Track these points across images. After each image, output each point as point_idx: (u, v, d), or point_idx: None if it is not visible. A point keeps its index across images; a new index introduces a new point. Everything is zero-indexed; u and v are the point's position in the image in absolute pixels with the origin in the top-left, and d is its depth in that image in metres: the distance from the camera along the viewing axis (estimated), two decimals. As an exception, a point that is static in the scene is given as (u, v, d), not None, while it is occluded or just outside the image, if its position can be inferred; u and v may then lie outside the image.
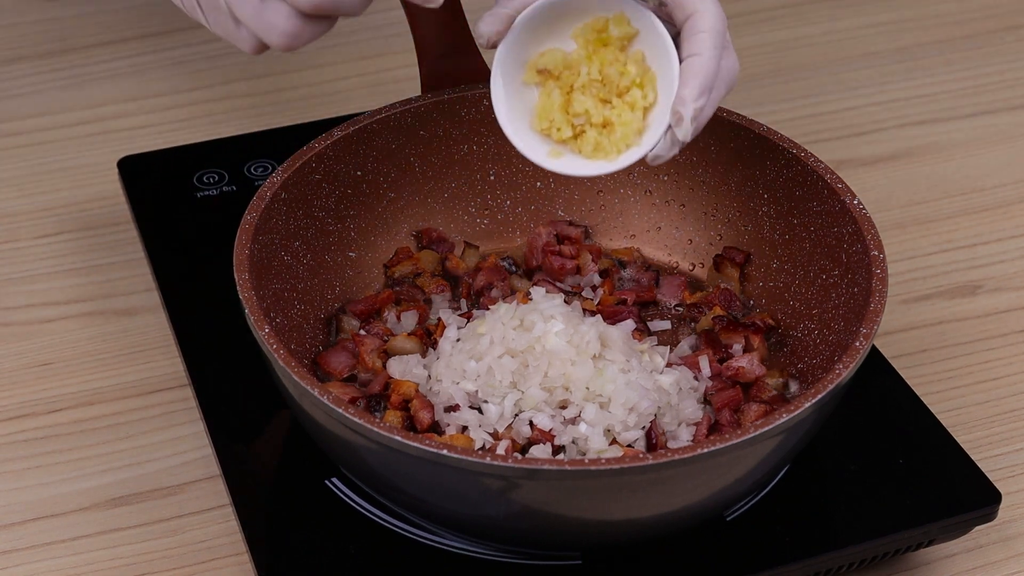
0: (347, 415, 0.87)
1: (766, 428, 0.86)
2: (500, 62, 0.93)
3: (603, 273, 1.10)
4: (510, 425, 0.96)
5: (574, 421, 0.96)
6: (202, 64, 1.42)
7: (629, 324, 1.02)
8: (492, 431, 0.96)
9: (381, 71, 1.41)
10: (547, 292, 1.02)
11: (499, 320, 0.98)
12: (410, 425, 0.97)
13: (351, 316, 1.05)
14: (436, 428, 0.97)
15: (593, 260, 1.10)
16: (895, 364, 1.07)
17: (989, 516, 0.96)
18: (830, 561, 0.94)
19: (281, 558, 0.93)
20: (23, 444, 1.06)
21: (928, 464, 0.98)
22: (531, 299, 1.01)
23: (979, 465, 0.99)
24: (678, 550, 0.93)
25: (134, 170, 1.21)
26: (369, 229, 1.09)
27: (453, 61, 1.10)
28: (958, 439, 1.01)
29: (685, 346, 1.05)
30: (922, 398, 1.04)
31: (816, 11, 1.50)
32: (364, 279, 1.09)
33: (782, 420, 0.87)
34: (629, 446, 0.96)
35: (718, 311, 1.06)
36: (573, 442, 0.96)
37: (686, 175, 1.10)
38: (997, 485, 0.97)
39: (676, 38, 0.91)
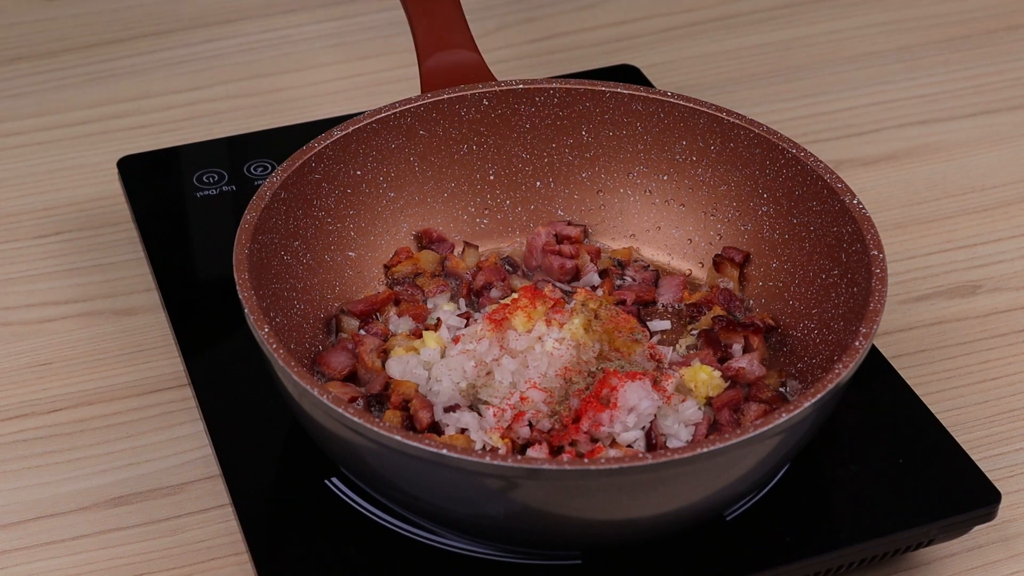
0: (347, 415, 0.87)
1: (766, 428, 0.86)
2: None
3: (603, 273, 1.10)
4: (510, 426, 0.96)
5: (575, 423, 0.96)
6: (202, 64, 1.42)
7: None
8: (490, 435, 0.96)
9: (381, 71, 1.41)
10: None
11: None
12: (410, 425, 0.97)
13: (351, 316, 1.05)
14: (436, 428, 0.97)
15: (592, 260, 1.10)
16: (895, 364, 1.07)
17: (989, 516, 0.96)
18: (830, 561, 0.94)
19: (281, 558, 0.93)
20: (23, 444, 1.06)
21: (928, 464, 0.98)
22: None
23: (979, 465, 0.99)
24: (678, 550, 0.93)
25: (134, 170, 1.21)
26: (369, 229, 1.09)
27: (453, 61, 1.10)
28: (958, 439, 1.01)
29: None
30: (922, 398, 1.04)
31: (816, 11, 1.50)
32: (364, 279, 1.09)
33: (782, 420, 0.87)
34: (629, 446, 0.96)
35: (718, 311, 1.06)
36: (572, 443, 0.96)
37: (686, 175, 1.10)
38: (997, 485, 0.97)
39: None
